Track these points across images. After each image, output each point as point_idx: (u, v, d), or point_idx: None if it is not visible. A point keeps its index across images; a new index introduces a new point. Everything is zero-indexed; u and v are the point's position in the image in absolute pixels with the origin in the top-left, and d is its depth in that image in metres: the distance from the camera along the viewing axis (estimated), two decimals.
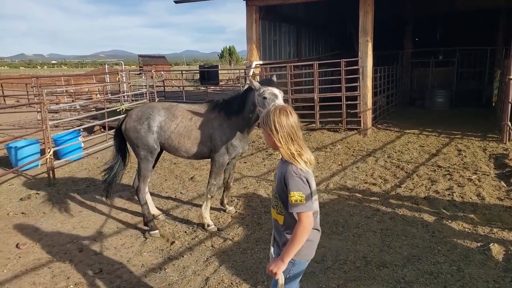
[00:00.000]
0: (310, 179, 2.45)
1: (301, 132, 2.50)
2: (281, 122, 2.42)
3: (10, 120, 15.56)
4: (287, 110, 2.47)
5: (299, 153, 2.43)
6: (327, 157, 8.55)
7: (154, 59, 44.26)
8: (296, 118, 2.48)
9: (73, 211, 6.07)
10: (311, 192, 2.43)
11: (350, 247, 4.60)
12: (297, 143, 2.44)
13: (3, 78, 22.02)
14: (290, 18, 14.66)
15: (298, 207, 2.36)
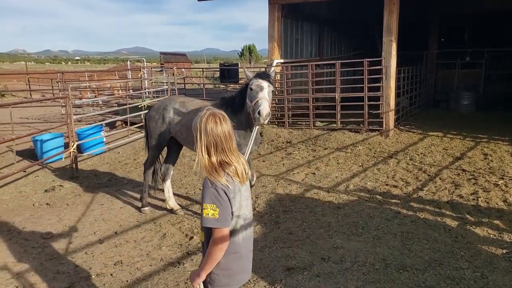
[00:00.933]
0: (235, 194, 2.22)
1: (233, 142, 2.28)
2: (207, 129, 2.21)
3: (36, 114, 15.95)
4: (217, 117, 2.25)
5: (222, 164, 2.23)
6: (347, 157, 8.46)
7: (175, 56, 44.71)
8: (227, 127, 2.25)
9: (94, 203, 6.18)
10: (232, 208, 2.21)
11: (370, 249, 4.54)
12: (224, 153, 2.23)
13: (30, 73, 22.60)
14: (312, 17, 14.54)
15: (209, 221, 2.15)
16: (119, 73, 27.50)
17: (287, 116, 11.24)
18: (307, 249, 4.58)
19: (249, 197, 2.39)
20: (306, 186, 6.81)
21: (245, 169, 2.30)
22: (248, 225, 2.35)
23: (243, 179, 2.27)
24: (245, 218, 2.32)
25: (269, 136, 10.29)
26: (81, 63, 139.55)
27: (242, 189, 2.29)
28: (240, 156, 2.34)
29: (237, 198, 2.24)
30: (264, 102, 4.44)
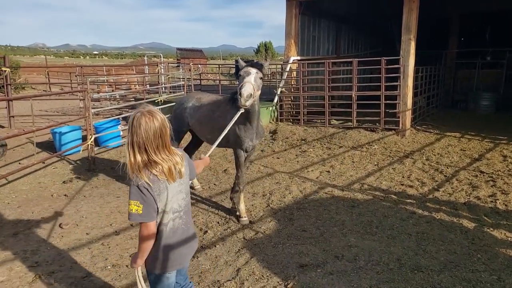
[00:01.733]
0: (160, 191, 2.34)
1: (163, 140, 2.34)
2: (135, 127, 2.28)
3: (55, 107, 16.24)
4: (147, 115, 2.30)
5: (149, 163, 2.31)
6: (362, 156, 8.40)
7: (192, 52, 44.93)
8: (157, 125, 2.30)
9: (111, 196, 6.28)
10: (156, 204, 2.34)
11: (384, 249, 4.50)
12: (151, 152, 2.30)
13: (49, 66, 23.00)
14: (330, 14, 14.44)
15: (133, 216, 2.31)
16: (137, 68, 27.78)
17: (302, 114, 11.21)
18: (320, 247, 4.57)
19: (181, 191, 2.50)
20: (321, 184, 6.79)
21: (175, 167, 2.38)
22: (177, 217, 2.50)
23: (171, 177, 2.36)
24: (173, 211, 2.46)
25: (284, 133, 10.28)
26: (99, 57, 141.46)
27: (172, 185, 2.40)
28: (174, 153, 2.42)
29: (163, 195, 2.35)
30: (247, 85, 4.37)
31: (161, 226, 2.44)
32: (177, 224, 2.50)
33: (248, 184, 6.81)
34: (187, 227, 2.59)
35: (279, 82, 12.14)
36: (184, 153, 2.60)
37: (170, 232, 2.48)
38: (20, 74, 24.27)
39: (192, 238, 2.66)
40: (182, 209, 2.53)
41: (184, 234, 2.57)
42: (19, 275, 3.98)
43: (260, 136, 5.31)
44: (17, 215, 5.45)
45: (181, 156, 2.49)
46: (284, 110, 11.78)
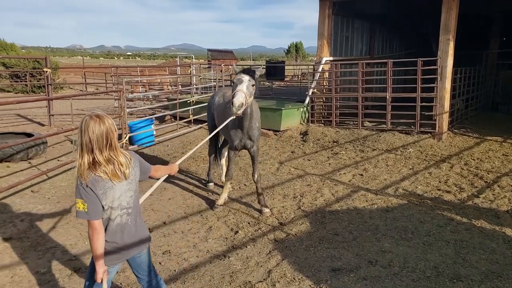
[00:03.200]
0: (105, 190, 2.49)
1: (109, 143, 2.49)
2: (82, 130, 2.45)
3: (90, 106, 16.76)
4: (94, 118, 2.46)
5: (94, 163, 2.46)
6: (397, 160, 8.18)
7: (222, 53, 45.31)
8: (103, 128, 2.46)
9: (144, 193, 6.38)
10: (101, 202, 2.49)
11: (420, 255, 4.36)
12: (96, 153, 2.45)
13: (86, 67, 23.82)
14: (363, 14, 14.19)
15: (80, 214, 2.48)
16: (169, 69, 28.30)
17: (335, 115, 11.05)
18: (353, 251, 4.48)
19: (130, 190, 2.66)
20: (353, 187, 6.66)
21: (120, 169, 2.54)
22: (124, 213, 2.65)
23: (115, 177, 2.52)
24: (121, 208, 2.62)
25: (315, 135, 10.17)
26: (132, 58, 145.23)
27: (120, 184, 2.57)
28: (121, 155, 2.57)
29: (109, 193, 2.52)
30: (239, 94, 4.67)
31: (109, 221, 2.61)
32: (124, 220, 2.66)
33: (278, 185, 6.78)
34: (135, 223, 2.74)
35: (311, 83, 12.03)
36: (133, 155, 2.75)
37: (117, 227, 2.64)
38: (59, 74, 25.24)
39: (141, 233, 2.81)
40: (130, 206, 2.68)
41: (132, 229, 2.72)
42: (59, 267, 4.12)
43: (252, 137, 5.49)
44: (57, 210, 5.64)
45: (128, 158, 2.65)
46: (315, 111, 11.66)
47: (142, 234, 2.82)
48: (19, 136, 8.89)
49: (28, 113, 13.95)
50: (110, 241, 2.62)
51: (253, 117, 5.33)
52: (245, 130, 5.38)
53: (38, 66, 20.20)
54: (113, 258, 2.67)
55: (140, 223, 2.82)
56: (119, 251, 2.67)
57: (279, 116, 10.58)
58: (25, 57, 22.07)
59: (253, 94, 4.95)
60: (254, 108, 5.33)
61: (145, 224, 2.94)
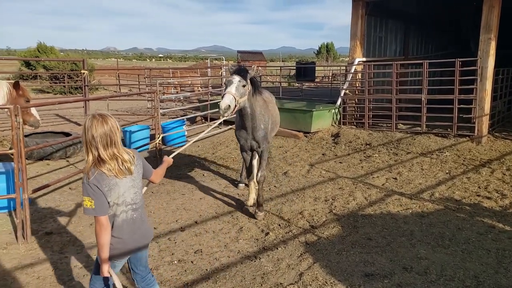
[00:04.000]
0: (110, 187, 2.57)
1: (112, 141, 2.56)
2: (86, 129, 2.55)
3: (124, 107, 17.19)
4: (97, 118, 2.55)
5: (98, 161, 2.54)
6: (432, 163, 7.92)
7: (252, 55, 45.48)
8: (106, 128, 2.54)
9: (176, 193, 6.48)
10: (107, 199, 2.57)
11: (458, 263, 4.20)
12: (99, 151, 2.53)
13: (120, 69, 24.45)
14: (397, 14, 13.87)
15: (87, 211, 2.56)
16: (200, 71, 28.65)
17: (367, 117, 10.84)
18: (387, 257, 4.37)
19: (133, 186, 2.73)
20: (387, 191, 6.50)
21: (123, 164, 2.62)
22: (129, 209, 2.72)
23: (120, 173, 2.61)
24: (126, 204, 2.69)
25: (347, 137, 10.01)
26: (163, 60, 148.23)
27: (123, 181, 2.64)
28: (124, 152, 2.66)
29: (114, 190, 2.60)
30: (225, 96, 4.58)
31: (115, 218, 2.67)
32: (129, 215, 2.73)
33: (309, 188, 6.71)
34: (140, 219, 2.81)
35: (343, 84, 11.86)
36: (136, 153, 2.83)
37: (123, 222, 2.71)
38: (95, 76, 26.04)
39: (145, 229, 2.89)
40: (135, 202, 2.75)
41: (137, 225, 2.78)
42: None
43: (257, 138, 5.37)
44: None
45: (132, 155, 2.73)
46: (347, 113, 11.48)
47: (146, 229, 2.91)
48: (58, 135, 9.22)
49: (66, 113, 14.46)
50: (116, 237, 2.69)
51: (255, 117, 5.20)
52: (249, 130, 5.31)
53: (76, 68, 20.93)
54: (120, 254, 2.74)
55: (144, 219, 2.90)
56: (126, 247, 2.75)
57: (309, 118, 10.48)
58: (64, 59, 22.94)
59: (245, 94, 4.81)
60: (257, 108, 5.19)
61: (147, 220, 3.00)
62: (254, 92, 5.04)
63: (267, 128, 5.44)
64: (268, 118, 5.45)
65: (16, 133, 4.50)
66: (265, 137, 5.43)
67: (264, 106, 5.42)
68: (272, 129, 5.75)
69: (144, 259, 2.99)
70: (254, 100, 5.09)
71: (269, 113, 5.54)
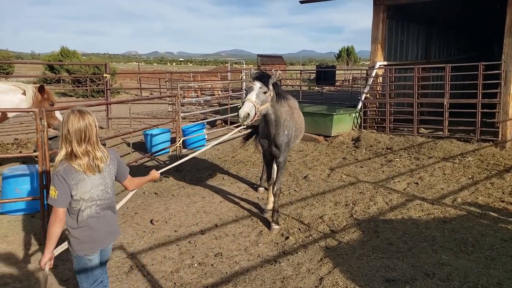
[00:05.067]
0: (77, 181, 2.65)
1: (87, 137, 2.65)
2: (63, 124, 2.65)
3: (145, 110, 17.49)
4: (75, 114, 2.65)
5: (70, 155, 2.64)
6: (455, 168, 7.78)
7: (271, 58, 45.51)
8: (82, 124, 2.63)
9: (197, 196, 6.56)
10: (71, 192, 2.65)
11: (482, 270, 4.12)
12: (73, 146, 2.62)
13: (141, 72, 24.88)
14: (419, 17, 13.70)
15: (50, 200, 2.67)
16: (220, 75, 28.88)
17: (388, 121, 10.73)
18: (408, 262, 4.32)
19: (102, 184, 2.78)
20: (408, 196, 6.42)
21: (94, 162, 2.69)
22: (97, 205, 2.79)
23: (89, 169, 2.68)
24: (91, 200, 2.75)
25: (368, 141, 9.92)
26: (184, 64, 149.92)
27: (91, 177, 2.71)
28: (99, 150, 2.73)
29: (80, 185, 2.67)
30: (245, 104, 4.50)
31: (80, 212, 2.74)
32: (93, 211, 2.78)
33: (329, 192, 6.68)
34: (106, 215, 2.86)
35: (364, 88, 11.77)
36: (112, 153, 2.91)
37: (88, 217, 2.77)
38: (116, 79, 26.57)
39: (112, 227, 2.94)
40: (100, 198, 2.80)
41: (102, 221, 2.84)
42: (117, 265, 4.32)
43: (279, 145, 5.20)
44: None
45: (106, 154, 2.81)
46: (368, 117, 11.39)
47: (112, 227, 2.95)
48: None
49: None
50: (82, 231, 2.77)
51: (280, 124, 5.04)
52: (271, 137, 5.15)
53: (98, 72, 21.41)
54: (87, 247, 2.81)
55: (112, 217, 2.94)
56: (92, 241, 2.81)
57: (330, 122, 10.44)
58: (87, 63, 23.48)
59: (267, 101, 4.67)
60: (282, 114, 5.04)
61: (116, 220, 3.04)
62: (278, 98, 4.90)
63: (291, 135, 5.28)
64: (293, 125, 5.32)
65: (41, 136, 4.62)
66: (288, 144, 5.27)
67: (289, 113, 5.27)
68: (296, 136, 5.59)
69: (106, 257, 3.05)
70: (279, 106, 4.93)
71: (294, 120, 5.40)
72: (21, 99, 6.45)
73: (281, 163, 5.33)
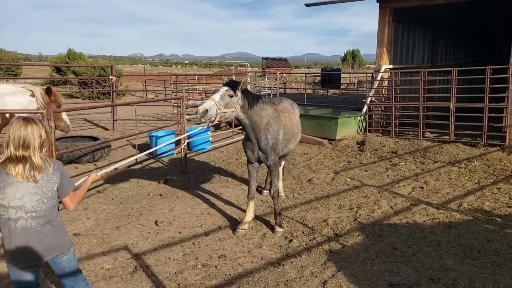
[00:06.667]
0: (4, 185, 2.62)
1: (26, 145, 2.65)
2: (10, 127, 2.67)
3: (150, 112, 17.54)
4: (20, 121, 2.68)
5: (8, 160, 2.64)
6: (461, 173, 7.73)
7: (276, 61, 45.62)
8: (22, 132, 2.64)
9: (201, 198, 6.57)
10: None
11: (488, 276, 4.08)
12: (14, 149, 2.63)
13: (146, 75, 24.98)
14: (426, 20, 13.65)
15: None
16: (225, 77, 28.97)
17: (394, 125, 10.69)
18: (413, 267, 4.29)
19: (37, 194, 2.69)
20: (413, 200, 6.39)
21: (31, 171, 2.66)
22: (30, 217, 2.68)
23: (22, 177, 2.63)
24: (26, 211, 2.66)
25: (373, 144, 9.89)
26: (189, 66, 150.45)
27: (23, 184, 2.64)
28: (41, 159, 2.71)
29: (8, 189, 2.62)
30: (207, 101, 4.53)
31: (10, 221, 2.66)
32: (29, 224, 2.68)
33: (333, 195, 6.66)
34: (40, 228, 2.73)
35: (369, 91, 11.75)
36: (57, 165, 2.83)
37: (22, 230, 2.67)
38: (122, 81, 26.68)
39: (49, 239, 2.78)
40: (36, 210, 2.70)
41: (37, 234, 2.71)
42: (122, 265, 4.34)
43: (263, 149, 5.13)
44: (120, 210, 5.94)
45: (47, 164, 2.76)
46: (373, 120, 11.36)
47: (51, 240, 2.78)
48: (86, 139, 9.50)
49: (94, 118, 14.90)
50: (14, 243, 2.66)
51: (257, 128, 4.98)
52: (254, 141, 5.10)
53: (104, 74, 21.52)
54: (20, 261, 2.71)
55: (50, 229, 2.78)
56: (24, 255, 2.69)
57: (334, 125, 10.42)
58: (94, 65, 23.62)
59: (232, 106, 4.65)
60: (261, 119, 4.99)
61: (61, 231, 2.88)
62: (251, 105, 4.86)
63: (276, 139, 5.16)
64: (278, 129, 5.18)
65: (48, 137, 4.66)
66: (274, 148, 5.16)
67: (273, 116, 5.18)
68: (287, 140, 5.46)
69: (67, 269, 2.92)
70: (255, 112, 4.90)
71: (281, 124, 5.28)
72: (29, 101, 6.50)
73: (271, 166, 5.28)
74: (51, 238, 2.79)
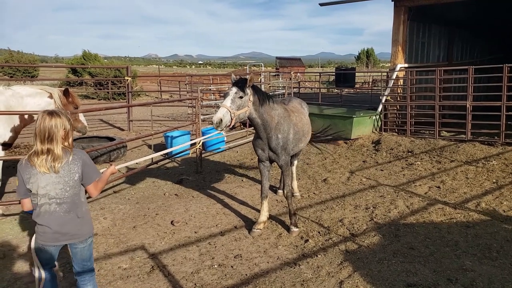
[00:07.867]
0: (30, 176, 2.84)
1: (51, 137, 2.82)
2: (37, 123, 2.83)
3: (165, 113, 17.71)
4: (46, 114, 2.85)
5: (36, 152, 2.83)
6: (478, 172, 7.61)
7: (290, 61, 45.43)
8: (48, 124, 2.81)
9: (216, 198, 6.61)
10: (26, 185, 2.85)
11: (507, 277, 4.02)
12: (39, 144, 2.81)
13: (161, 75, 25.18)
14: (441, 19, 13.46)
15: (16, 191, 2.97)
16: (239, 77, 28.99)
17: (409, 124, 10.58)
18: (430, 267, 4.25)
19: (60, 183, 2.90)
20: (430, 200, 6.32)
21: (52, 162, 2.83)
22: (53, 203, 2.92)
23: (42, 167, 2.82)
24: (50, 197, 2.89)
25: (388, 144, 9.80)
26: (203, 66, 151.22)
27: (45, 175, 2.85)
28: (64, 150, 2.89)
29: (33, 179, 2.85)
30: (220, 110, 4.52)
31: (37, 207, 2.92)
32: (52, 208, 2.92)
33: (349, 195, 6.64)
34: (63, 214, 2.96)
35: (384, 90, 11.65)
36: (79, 155, 3.01)
37: (46, 213, 2.92)
38: (137, 82, 26.99)
39: (74, 225, 3.01)
40: (60, 197, 2.92)
41: (61, 219, 2.95)
42: (139, 264, 4.40)
43: (274, 149, 5.10)
44: (136, 210, 6.02)
45: (69, 155, 2.93)
46: (388, 119, 11.25)
47: (71, 227, 3.00)
48: (102, 140, 9.64)
49: (109, 119, 15.12)
50: (40, 224, 2.95)
51: (269, 127, 4.95)
52: (264, 140, 5.08)
53: (119, 74, 21.80)
54: (45, 239, 2.97)
55: (73, 218, 3.00)
56: (48, 235, 2.95)
57: (349, 124, 10.36)
58: (110, 66, 23.95)
59: (244, 106, 4.63)
60: (269, 117, 4.95)
61: (84, 221, 3.08)
62: (261, 101, 4.84)
63: (287, 138, 5.14)
64: (288, 128, 5.16)
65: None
66: (284, 147, 5.13)
67: (284, 115, 5.16)
68: (298, 139, 5.44)
69: (79, 257, 3.12)
70: (265, 110, 4.88)
71: (292, 123, 5.26)
72: (47, 102, 6.61)
73: (283, 166, 5.28)
74: (71, 226, 3.01)
